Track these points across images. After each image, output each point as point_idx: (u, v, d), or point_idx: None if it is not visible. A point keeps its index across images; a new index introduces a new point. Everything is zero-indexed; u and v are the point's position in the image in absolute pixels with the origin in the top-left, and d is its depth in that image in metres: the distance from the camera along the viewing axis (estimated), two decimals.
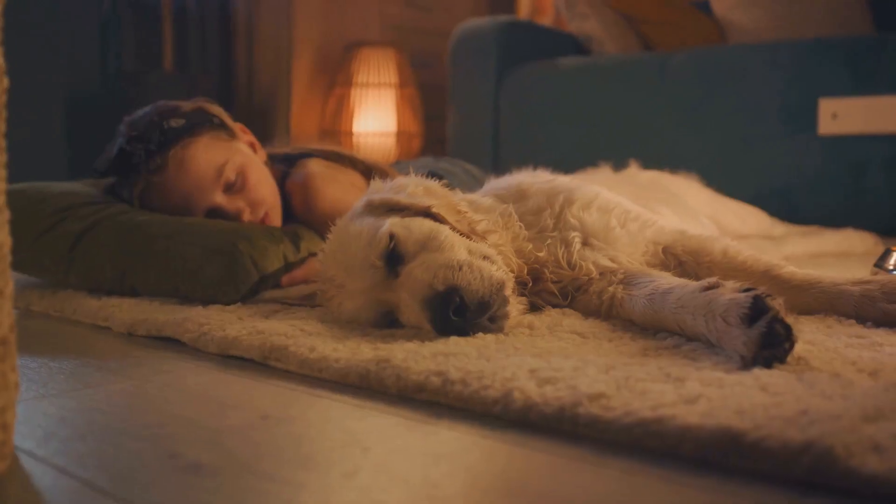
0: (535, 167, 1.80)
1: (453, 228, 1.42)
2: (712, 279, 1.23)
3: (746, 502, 0.75)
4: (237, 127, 2.06)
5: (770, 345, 1.07)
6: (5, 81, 0.86)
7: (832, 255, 2.55)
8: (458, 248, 1.35)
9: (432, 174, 1.70)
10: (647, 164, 2.62)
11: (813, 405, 0.87)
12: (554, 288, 1.52)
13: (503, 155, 3.93)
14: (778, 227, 2.70)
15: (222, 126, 1.99)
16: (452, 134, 4.20)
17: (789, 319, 1.08)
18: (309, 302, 1.62)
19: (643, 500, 0.76)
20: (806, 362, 1.08)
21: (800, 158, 3.21)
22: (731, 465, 0.82)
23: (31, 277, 2.01)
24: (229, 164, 1.91)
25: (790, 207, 3.12)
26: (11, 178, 1.87)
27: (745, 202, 2.72)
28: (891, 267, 1.73)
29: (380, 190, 1.54)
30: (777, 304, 1.09)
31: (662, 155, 3.19)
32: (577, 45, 4.21)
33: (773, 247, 2.42)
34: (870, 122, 3.07)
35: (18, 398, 1.08)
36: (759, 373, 1.02)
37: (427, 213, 1.44)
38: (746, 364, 1.07)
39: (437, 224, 1.41)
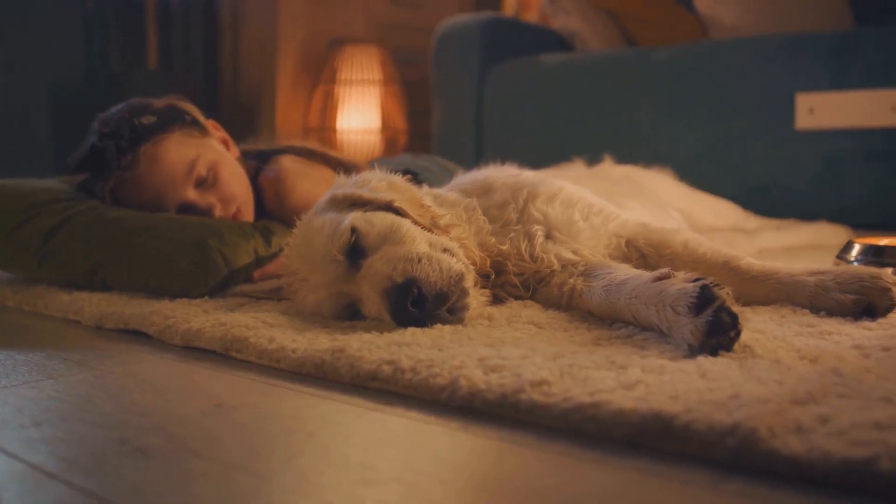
0: (520, 162, 1.82)
1: (415, 222, 1.44)
2: (664, 270, 1.26)
3: (672, 482, 0.77)
4: (209, 124, 2.08)
5: (716, 333, 1.09)
6: None
7: (805, 248, 2.57)
8: (419, 242, 1.38)
9: (408, 171, 1.72)
10: (629, 159, 2.64)
11: (746, 390, 0.90)
12: (516, 280, 1.54)
13: (487, 151, 3.95)
14: (752, 221, 2.72)
15: (194, 123, 2.01)
16: (437, 130, 4.23)
17: (736, 308, 1.11)
18: (275, 295, 1.65)
19: (573, 479, 0.79)
20: (751, 350, 1.11)
21: (777, 153, 3.25)
22: (663, 448, 0.84)
23: (5, 273, 2.03)
24: (201, 159, 1.93)
25: (768, 201, 3.14)
26: None
27: (724, 196, 2.75)
28: (852, 259, 1.76)
29: (344, 185, 1.56)
30: (724, 293, 1.12)
31: (644, 150, 3.22)
32: (561, 42, 4.24)
33: (747, 240, 2.45)
34: (846, 116, 3.10)
35: None
36: (703, 360, 1.04)
37: (389, 208, 1.47)
38: (693, 352, 1.10)
39: (398, 218, 1.43)
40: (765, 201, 3.12)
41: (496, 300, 1.52)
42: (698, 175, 2.80)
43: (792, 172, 3.22)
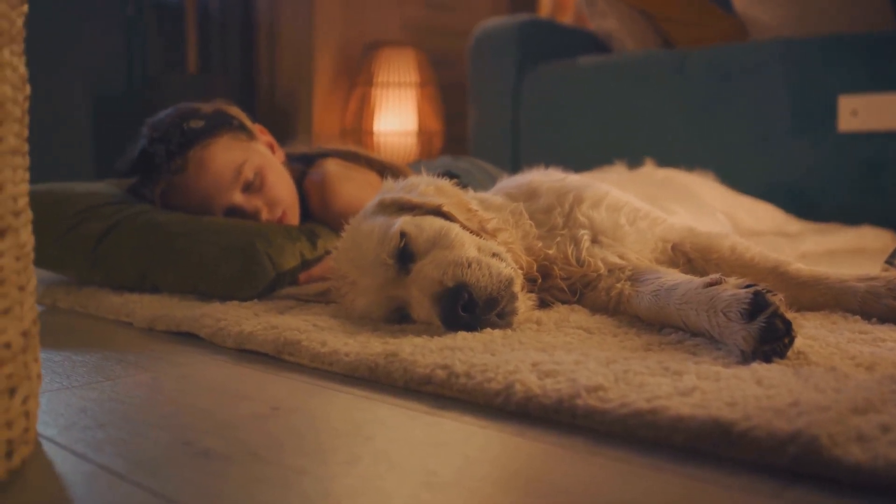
0: (555, 165, 1.82)
1: (464, 226, 1.45)
2: (715, 275, 1.25)
3: (731, 490, 0.77)
4: (256, 128, 2.11)
5: (769, 339, 1.09)
6: (27, 89, 0.90)
7: (848, 252, 2.54)
8: (468, 246, 1.39)
9: (449, 174, 1.73)
10: (665, 161, 2.63)
11: (804, 397, 0.90)
12: (563, 284, 1.55)
13: (523, 153, 3.95)
14: (793, 225, 2.70)
15: (241, 127, 2.04)
16: (473, 133, 4.23)
17: (790, 315, 1.11)
18: (323, 298, 1.66)
19: (632, 485, 0.79)
20: (805, 357, 1.10)
21: (816, 155, 3.20)
22: (721, 455, 0.84)
23: (58, 275, 2.07)
24: (248, 164, 1.96)
25: (807, 204, 3.10)
26: (40, 179, 1.94)
27: (761, 199, 2.73)
28: None
29: (392, 189, 1.58)
30: (777, 299, 1.11)
31: (680, 152, 3.19)
32: (597, 43, 4.22)
33: (790, 244, 2.43)
34: (890, 118, 3.06)
35: (43, 389, 1.13)
36: (757, 367, 1.04)
37: (438, 212, 1.48)
38: (746, 358, 1.10)
39: (447, 222, 1.44)
40: (803, 204, 3.09)
41: (542, 304, 1.53)
42: (735, 177, 2.78)
43: (831, 175, 3.17)
